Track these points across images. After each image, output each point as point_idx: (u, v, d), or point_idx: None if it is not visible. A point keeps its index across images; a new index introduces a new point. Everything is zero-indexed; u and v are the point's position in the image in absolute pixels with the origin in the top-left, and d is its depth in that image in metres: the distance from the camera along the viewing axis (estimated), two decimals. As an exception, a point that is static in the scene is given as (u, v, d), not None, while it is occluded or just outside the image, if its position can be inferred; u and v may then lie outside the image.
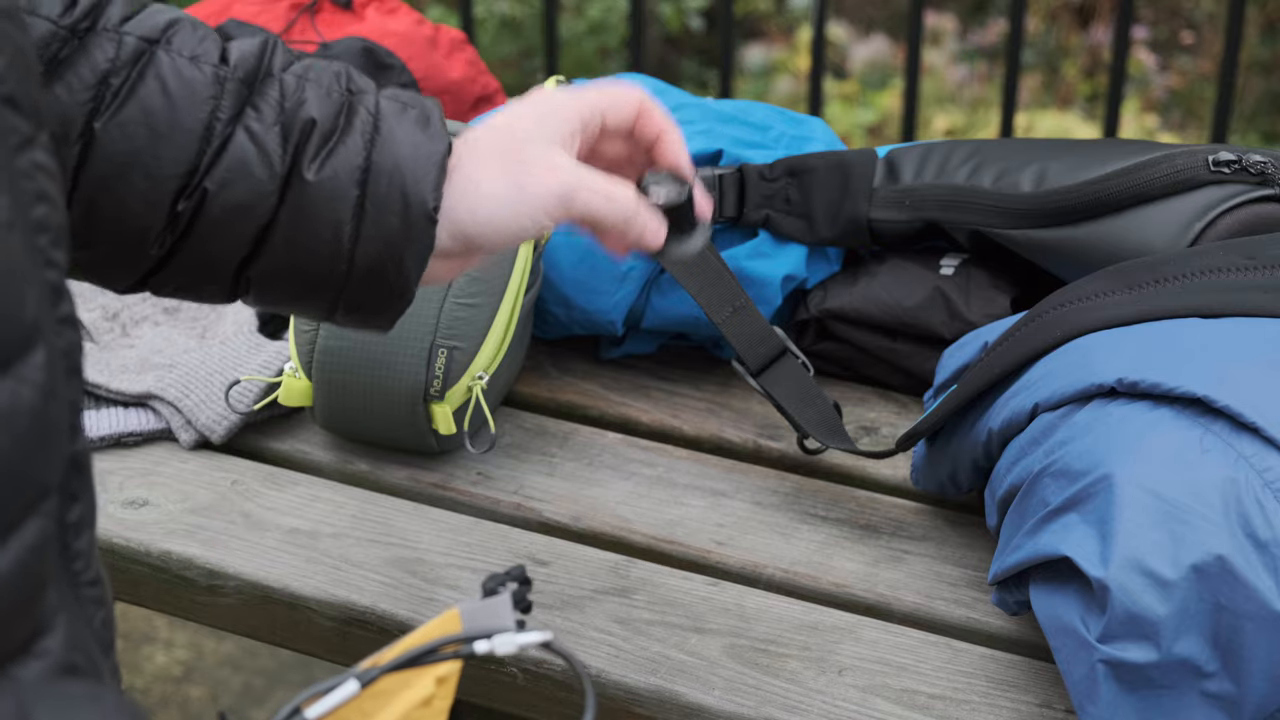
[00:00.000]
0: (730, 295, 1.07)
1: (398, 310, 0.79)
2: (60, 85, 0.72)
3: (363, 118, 0.76)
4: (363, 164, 0.75)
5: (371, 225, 0.75)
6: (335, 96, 0.77)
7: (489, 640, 0.64)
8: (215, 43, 0.77)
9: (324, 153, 0.75)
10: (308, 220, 0.75)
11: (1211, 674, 0.74)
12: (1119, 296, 0.90)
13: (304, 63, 0.79)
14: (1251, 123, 3.25)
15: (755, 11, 3.69)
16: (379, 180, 0.75)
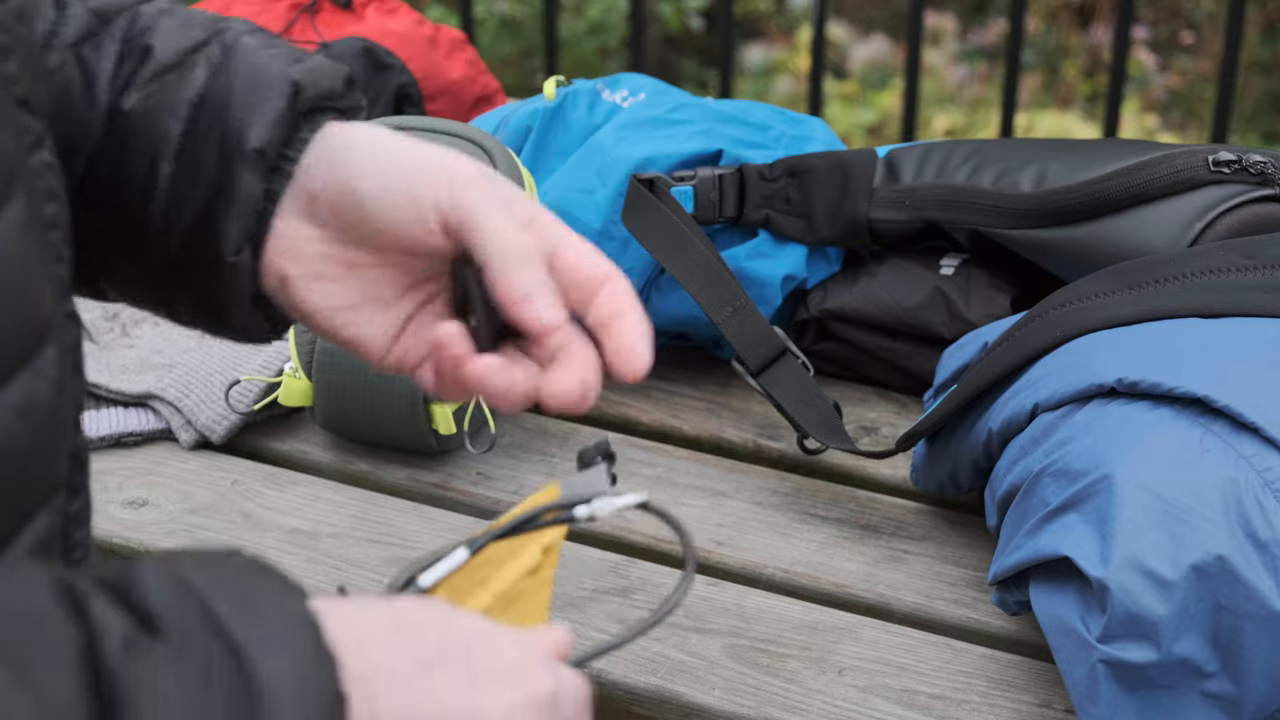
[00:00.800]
0: (730, 295, 1.07)
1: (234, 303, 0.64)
2: None
3: (213, 49, 0.64)
4: (194, 97, 0.63)
5: (190, 168, 0.63)
6: (195, 32, 0.65)
7: (588, 504, 0.63)
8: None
9: (154, 83, 0.63)
10: (124, 159, 0.63)
11: (1211, 674, 0.74)
12: (1119, 296, 0.90)
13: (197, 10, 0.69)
14: (1251, 123, 3.25)
15: (755, 11, 3.69)
16: (208, 112, 0.63)
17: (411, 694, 0.48)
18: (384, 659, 0.49)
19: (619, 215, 1.13)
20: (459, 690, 0.50)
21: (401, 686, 0.48)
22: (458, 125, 1.09)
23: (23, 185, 0.51)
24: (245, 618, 0.45)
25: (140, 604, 0.44)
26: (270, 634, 0.45)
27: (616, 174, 1.14)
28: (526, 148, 1.20)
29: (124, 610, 0.44)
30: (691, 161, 1.16)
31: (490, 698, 0.50)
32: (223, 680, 0.43)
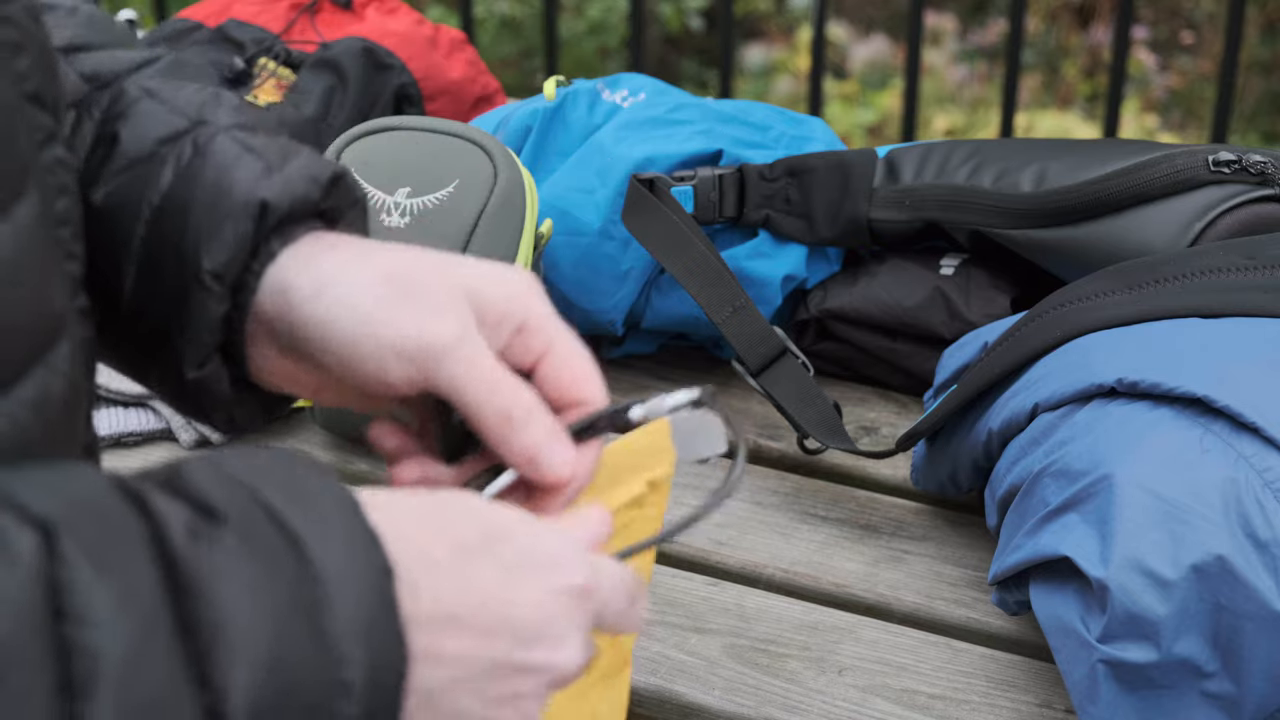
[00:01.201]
0: (730, 295, 1.07)
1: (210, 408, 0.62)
2: None
3: (185, 146, 0.61)
4: (157, 199, 0.60)
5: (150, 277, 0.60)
6: (175, 120, 0.62)
7: (643, 404, 0.61)
8: None
9: (122, 176, 0.60)
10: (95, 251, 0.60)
11: (1211, 674, 0.74)
12: (1119, 296, 0.90)
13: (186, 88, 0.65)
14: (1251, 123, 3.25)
15: (755, 11, 3.69)
16: (168, 220, 0.59)
17: (449, 578, 0.50)
18: (423, 544, 0.50)
19: (619, 215, 1.13)
20: (495, 576, 0.51)
21: (440, 570, 0.50)
22: (458, 125, 1.10)
23: (36, 182, 0.51)
24: (297, 507, 0.47)
25: (196, 495, 0.46)
26: (321, 521, 0.47)
27: (616, 174, 1.14)
28: (526, 148, 1.20)
29: (182, 501, 0.46)
30: (691, 161, 1.16)
31: (525, 584, 0.52)
32: (285, 565, 0.46)
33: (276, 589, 0.45)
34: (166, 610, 0.43)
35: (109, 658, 0.41)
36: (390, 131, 1.09)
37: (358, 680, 0.46)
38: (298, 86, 1.43)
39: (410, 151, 1.07)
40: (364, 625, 0.46)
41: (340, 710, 0.45)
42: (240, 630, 0.44)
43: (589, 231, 1.14)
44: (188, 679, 0.43)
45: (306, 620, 0.45)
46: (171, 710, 0.42)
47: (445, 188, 1.05)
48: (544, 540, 0.53)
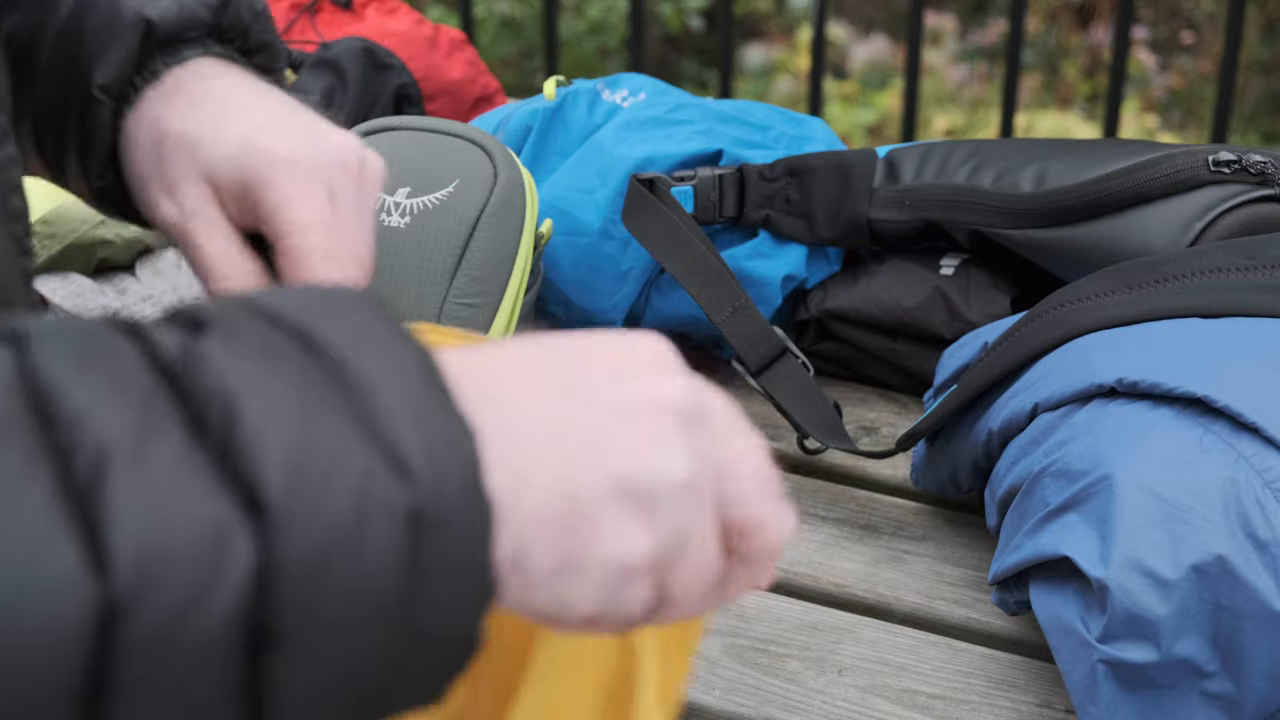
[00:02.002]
0: (730, 295, 1.07)
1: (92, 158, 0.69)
2: None
3: None
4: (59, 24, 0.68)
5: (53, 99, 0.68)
6: None
7: None
8: None
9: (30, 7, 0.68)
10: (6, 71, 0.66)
11: (1211, 674, 0.74)
12: (1119, 296, 0.90)
13: None
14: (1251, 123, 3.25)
15: (755, 11, 3.69)
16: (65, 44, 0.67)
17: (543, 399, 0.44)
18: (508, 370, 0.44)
19: (619, 215, 1.13)
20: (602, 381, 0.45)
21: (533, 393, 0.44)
22: (458, 125, 1.10)
23: None
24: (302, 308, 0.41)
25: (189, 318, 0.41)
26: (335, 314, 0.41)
27: (616, 174, 1.14)
28: (526, 148, 1.20)
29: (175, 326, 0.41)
30: (691, 161, 1.16)
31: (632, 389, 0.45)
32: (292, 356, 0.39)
33: (288, 371, 0.39)
34: (167, 401, 0.37)
35: (114, 444, 0.36)
36: (390, 131, 1.09)
37: (416, 458, 0.39)
38: (298, 86, 1.43)
39: (410, 151, 1.07)
40: (410, 404, 0.39)
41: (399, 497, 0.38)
42: (255, 405, 0.38)
43: (589, 231, 1.14)
44: (208, 457, 0.37)
45: (334, 401, 0.39)
46: (199, 494, 0.36)
47: (445, 188, 1.05)
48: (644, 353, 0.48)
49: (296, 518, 0.37)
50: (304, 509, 0.37)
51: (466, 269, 1.03)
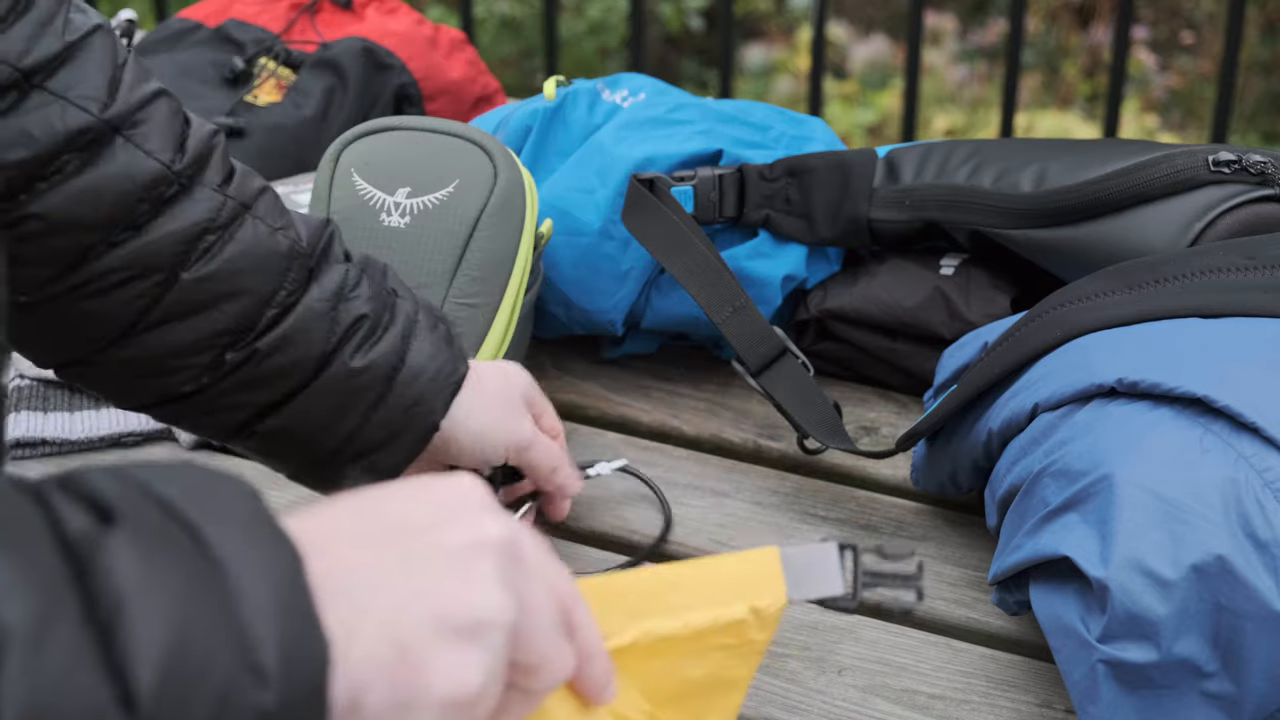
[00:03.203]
0: (730, 295, 1.07)
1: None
2: (159, 223, 0.78)
3: (403, 321, 0.85)
4: (395, 362, 0.83)
5: (381, 415, 0.83)
6: (382, 295, 0.85)
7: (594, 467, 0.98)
8: (289, 215, 0.83)
9: (367, 344, 0.83)
10: (333, 397, 0.83)
11: (1211, 674, 0.74)
12: (1119, 296, 0.90)
13: (358, 255, 0.86)
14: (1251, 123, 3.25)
15: (755, 11, 3.69)
16: (404, 383, 0.84)
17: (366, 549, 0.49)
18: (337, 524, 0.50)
19: (619, 215, 1.13)
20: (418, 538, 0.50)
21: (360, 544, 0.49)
22: (458, 125, 1.10)
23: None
24: (193, 499, 0.45)
25: (90, 493, 0.45)
26: (220, 511, 0.46)
27: (616, 174, 1.14)
28: (526, 148, 1.20)
29: (78, 500, 0.44)
30: (691, 161, 1.16)
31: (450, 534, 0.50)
32: (184, 552, 0.44)
33: (176, 572, 0.43)
34: (68, 586, 0.42)
35: (15, 630, 0.39)
36: (390, 131, 1.09)
37: (271, 665, 0.43)
38: (298, 86, 1.43)
39: (410, 151, 1.07)
40: (275, 606, 0.44)
41: (253, 700, 0.43)
42: (143, 609, 0.42)
43: (589, 231, 1.14)
44: (95, 652, 0.41)
45: (212, 602, 0.43)
46: (82, 687, 0.40)
47: (445, 188, 1.05)
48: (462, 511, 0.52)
49: (162, 716, 0.41)
50: (169, 710, 0.41)
51: (466, 269, 1.03)
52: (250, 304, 0.80)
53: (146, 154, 0.77)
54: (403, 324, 0.84)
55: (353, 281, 0.84)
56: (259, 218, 0.81)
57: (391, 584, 0.48)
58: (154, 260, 0.78)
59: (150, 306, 0.79)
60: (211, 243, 0.79)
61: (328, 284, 0.83)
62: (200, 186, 0.79)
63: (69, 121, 0.75)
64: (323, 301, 0.82)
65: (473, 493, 0.52)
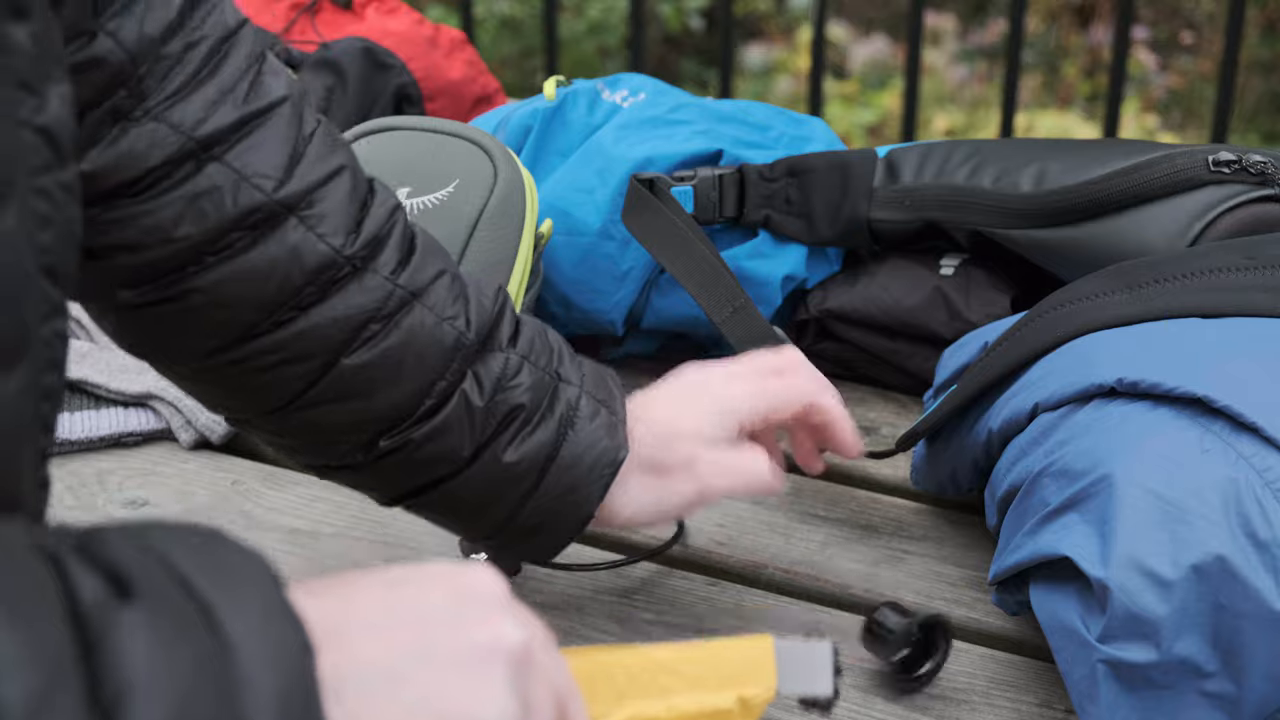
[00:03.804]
0: (730, 295, 1.07)
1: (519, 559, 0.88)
2: (324, 308, 0.75)
3: (562, 409, 0.80)
4: (550, 453, 0.80)
5: (533, 505, 0.80)
6: (545, 381, 0.81)
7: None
8: (463, 301, 0.79)
9: (521, 436, 0.79)
10: (485, 486, 0.80)
11: (1211, 674, 0.74)
12: (1119, 296, 0.90)
13: (525, 334, 0.82)
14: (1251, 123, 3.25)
15: (755, 11, 3.69)
16: (558, 472, 0.80)
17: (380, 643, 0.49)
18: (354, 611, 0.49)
19: (619, 215, 1.13)
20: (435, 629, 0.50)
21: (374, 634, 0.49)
22: (458, 125, 1.10)
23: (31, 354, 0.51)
24: (211, 577, 0.45)
25: (109, 563, 0.44)
26: (235, 592, 0.45)
27: (616, 174, 1.14)
28: (526, 148, 1.20)
29: (95, 569, 0.44)
30: (691, 161, 1.16)
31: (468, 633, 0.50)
32: (196, 634, 0.43)
33: (185, 657, 0.43)
34: (74, 664, 0.41)
35: (14, 707, 0.39)
36: (390, 131, 1.09)
37: None
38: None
39: (410, 151, 1.07)
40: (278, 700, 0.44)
41: None
42: (147, 696, 0.41)
43: (589, 231, 1.14)
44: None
45: (216, 689, 0.43)
46: None
47: (445, 188, 1.05)
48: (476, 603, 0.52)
49: None
50: None
51: (466, 269, 1.03)
52: (408, 393, 0.77)
53: (318, 237, 0.74)
54: (561, 412, 0.80)
55: (513, 370, 0.80)
56: (428, 307, 0.78)
57: (401, 685, 0.48)
58: (315, 345, 0.75)
59: (306, 389, 0.76)
60: (375, 331, 0.76)
61: (487, 375, 0.79)
62: (371, 273, 0.76)
63: (241, 200, 0.72)
64: (480, 393, 0.79)
65: (495, 589, 0.52)
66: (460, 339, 0.78)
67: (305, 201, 0.74)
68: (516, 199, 1.06)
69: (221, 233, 0.72)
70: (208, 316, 0.74)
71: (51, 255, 0.53)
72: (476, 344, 0.79)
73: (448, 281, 0.79)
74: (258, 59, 0.75)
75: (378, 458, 0.79)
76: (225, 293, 0.73)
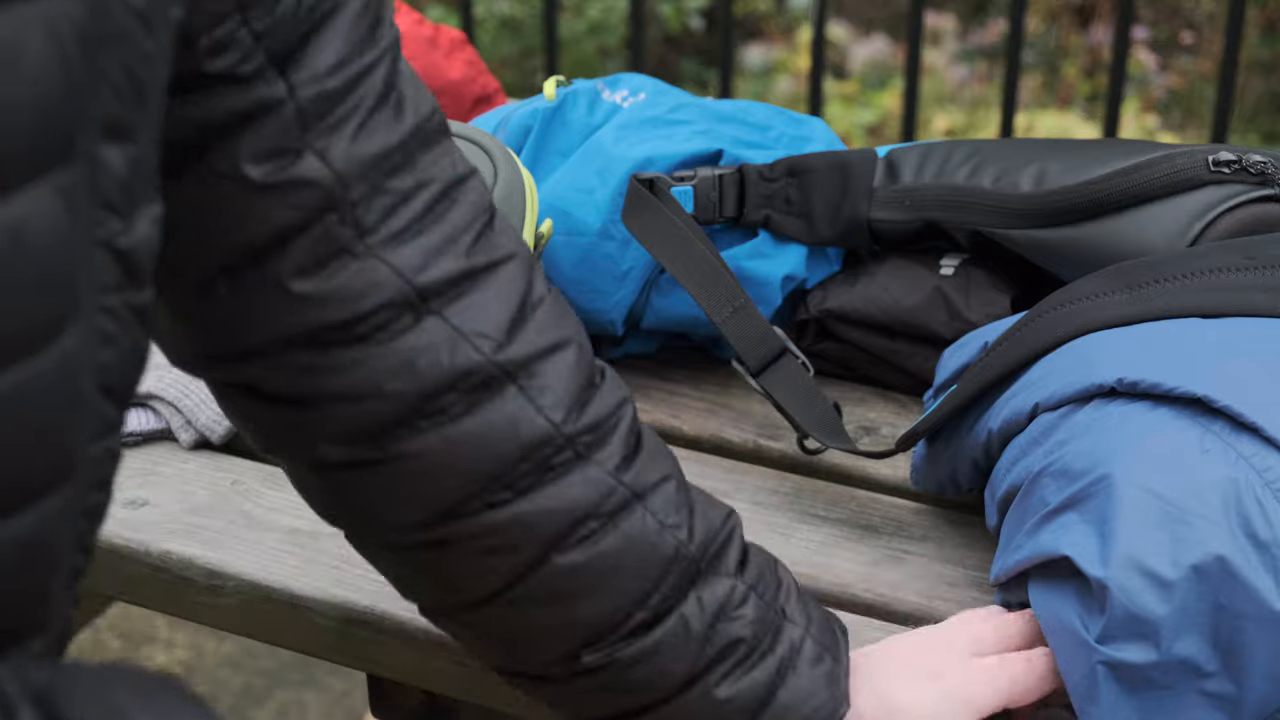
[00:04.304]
0: (730, 295, 1.07)
1: None
2: (539, 496, 0.70)
3: (784, 651, 0.75)
4: (766, 697, 0.74)
5: None
6: (770, 617, 0.75)
7: None
8: (687, 511, 0.74)
9: (738, 672, 0.74)
10: (691, 717, 0.74)
11: (1211, 674, 0.74)
12: (1119, 296, 0.90)
13: (754, 564, 0.76)
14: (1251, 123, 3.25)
15: (755, 11, 3.70)
16: (770, 715, 0.74)
17: None
18: None
19: (619, 215, 1.13)
20: None
21: None
22: (458, 125, 1.10)
23: (79, 472, 0.50)
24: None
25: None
26: None
27: (616, 174, 1.14)
28: (526, 148, 1.20)
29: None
30: (691, 161, 1.16)
31: None
32: None
33: None
34: None
35: None
36: (390, 131, 1.09)
37: None
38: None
39: (410, 151, 1.07)
40: None
41: None
42: None
43: (589, 231, 1.14)
44: None
45: None
46: None
47: (445, 188, 1.05)
48: None
49: None
50: None
51: (466, 269, 1.03)
52: (620, 603, 0.72)
53: (538, 410, 0.69)
54: (783, 652, 0.75)
55: (738, 599, 0.74)
56: (651, 512, 0.72)
57: None
58: (527, 535, 0.70)
59: (511, 583, 0.71)
60: (593, 530, 0.71)
61: (710, 599, 0.73)
62: (593, 464, 0.71)
63: (458, 359, 0.67)
64: (700, 618, 0.73)
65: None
66: (680, 550, 0.73)
67: (526, 370, 0.69)
68: (516, 199, 1.06)
69: (436, 393, 0.68)
70: (415, 486, 0.69)
71: (111, 374, 0.51)
72: (699, 559, 0.74)
73: (673, 488, 0.74)
74: (487, 212, 0.71)
75: (580, 673, 0.73)
76: (435, 461, 0.68)
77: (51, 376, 0.47)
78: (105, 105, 0.49)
